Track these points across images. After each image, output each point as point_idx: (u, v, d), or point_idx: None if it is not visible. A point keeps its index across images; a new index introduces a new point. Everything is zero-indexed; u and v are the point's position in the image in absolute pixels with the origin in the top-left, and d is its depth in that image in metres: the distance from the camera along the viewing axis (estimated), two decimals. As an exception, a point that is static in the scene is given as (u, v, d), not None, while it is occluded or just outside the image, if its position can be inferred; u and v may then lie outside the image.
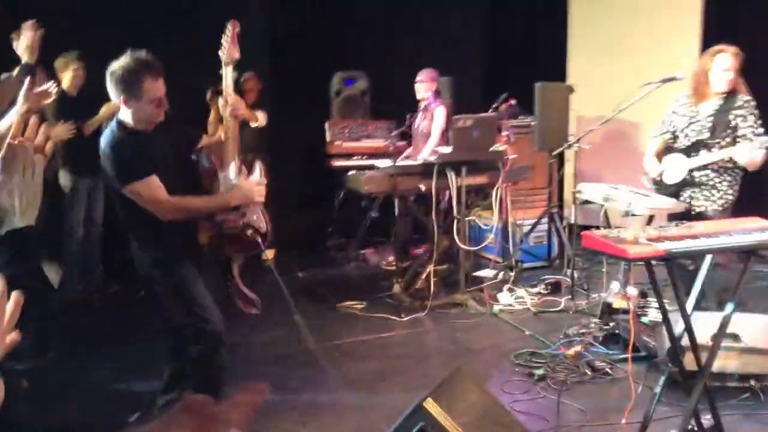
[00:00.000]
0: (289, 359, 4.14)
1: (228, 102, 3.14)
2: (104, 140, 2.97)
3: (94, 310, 5.04)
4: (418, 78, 5.71)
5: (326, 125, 6.63)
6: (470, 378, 2.83)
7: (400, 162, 5.29)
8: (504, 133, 5.66)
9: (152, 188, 2.88)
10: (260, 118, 6.16)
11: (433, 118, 5.68)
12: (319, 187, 6.69)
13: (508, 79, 6.29)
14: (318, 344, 4.29)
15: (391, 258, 5.88)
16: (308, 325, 4.51)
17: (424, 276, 5.16)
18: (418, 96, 5.73)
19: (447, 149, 5.05)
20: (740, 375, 3.47)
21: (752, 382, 3.46)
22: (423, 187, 4.98)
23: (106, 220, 5.35)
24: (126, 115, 2.94)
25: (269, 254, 6.50)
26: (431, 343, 4.47)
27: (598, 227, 3.60)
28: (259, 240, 3.17)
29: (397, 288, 5.09)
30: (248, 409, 0.88)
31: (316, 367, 3.96)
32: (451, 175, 4.97)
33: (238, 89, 5.97)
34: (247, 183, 3.15)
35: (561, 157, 5.97)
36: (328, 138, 6.57)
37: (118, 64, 2.88)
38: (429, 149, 5.56)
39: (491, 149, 5.12)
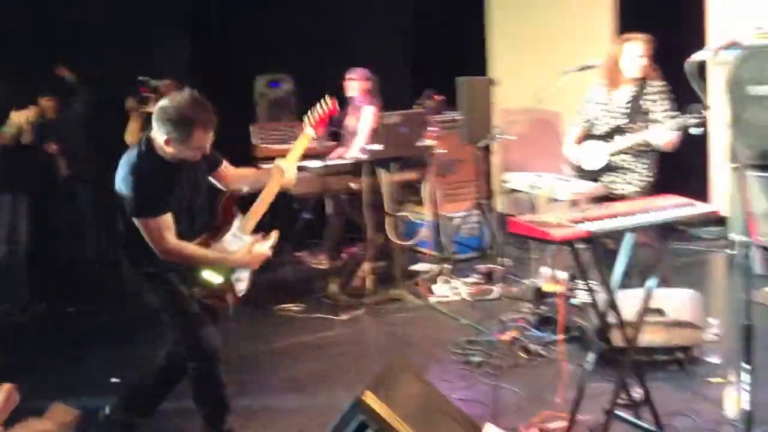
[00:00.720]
0: (226, 365, 4.08)
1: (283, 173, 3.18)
2: (129, 161, 2.85)
3: (20, 329, 4.87)
4: (350, 76, 5.71)
5: (251, 129, 6.57)
6: (408, 369, 2.87)
7: (330, 161, 5.30)
8: (431, 128, 5.73)
9: (161, 228, 2.79)
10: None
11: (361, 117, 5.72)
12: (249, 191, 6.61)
13: (432, 75, 6.38)
14: (256, 348, 4.28)
15: (324, 258, 5.87)
16: (246, 329, 4.51)
17: (359, 274, 5.18)
18: (348, 93, 5.73)
19: (377, 146, 5.09)
20: (667, 348, 3.61)
21: (678, 354, 3.61)
22: (354, 186, 5.00)
23: (31, 237, 5.19)
24: (161, 144, 2.81)
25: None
26: (370, 339, 4.50)
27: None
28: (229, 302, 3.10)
29: (333, 287, 5.09)
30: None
31: (255, 371, 3.93)
32: (381, 172, 5.01)
33: (158, 95, 5.88)
34: (258, 249, 3.07)
35: (487, 150, 6.09)
36: (254, 142, 6.51)
37: (173, 103, 2.77)
38: (357, 147, 5.58)
39: (420, 144, 5.19)
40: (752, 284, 2.26)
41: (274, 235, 3.18)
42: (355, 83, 5.72)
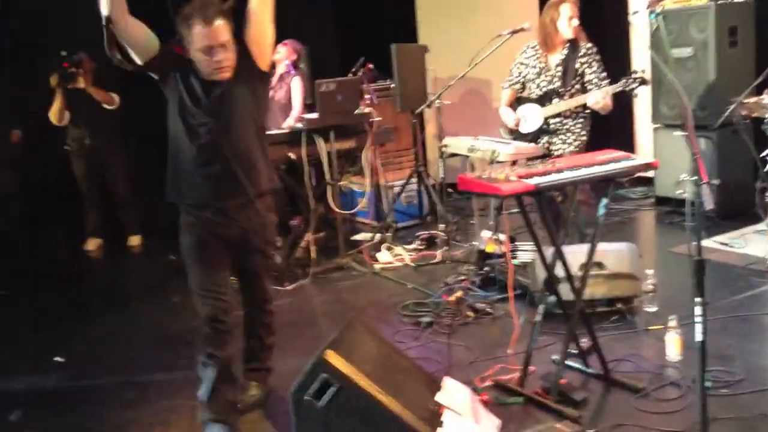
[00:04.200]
0: (174, 339, 4.02)
1: None
2: None
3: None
4: (278, 47, 5.61)
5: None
6: (365, 328, 2.88)
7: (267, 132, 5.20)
8: (366, 96, 5.71)
9: None
10: (116, 100, 5.87)
11: (290, 89, 5.64)
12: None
13: (362, 44, 6.34)
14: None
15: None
16: (189, 304, 4.41)
17: (302, 245, 5.15)
18: (275, 57, 5.61)
19: (313, 115, 5.04)
20: (608, 299, 3.75)
21: (619, 305, 3.76)
22: (293, 155, 4.95)
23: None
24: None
25: (135, 240, 6.28)
26: (318, 307, 4.48)
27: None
28: None
29: (277, 259, 5.04)
30: None
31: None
32: (320, 141, 4.97)
33: (77, 70, 5.66)
34: None
35: (422, 118, 6.12)
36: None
37: None
38: (293, 118, 5.51)
39: (357, 112, 5.17)
40: (703, 224, 2.36)
41: None
42: (285, 48, 5.64)
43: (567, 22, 4.29)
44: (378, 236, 5.45)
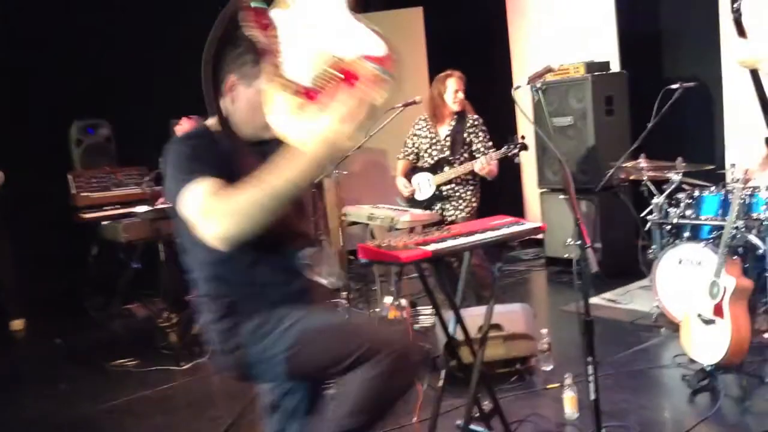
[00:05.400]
0: (63, 429, 3.77)
1: None
2: None
3: None
4: (179, 123, 5.54)
5: (69, 177, 6.17)
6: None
7: (160, 205, 5.09)
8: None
9: None
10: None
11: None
12: (68, 244, 6.17)
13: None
14: (93, 409, 3.97)
15: (163, 310, 5.59)
16: (80, 389, 4.17)
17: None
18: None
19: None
20: (507, 360, 3.83)
21: (517, 365, 3.84)
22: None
23: None
24: None
25: (17, 324, 5.89)
26: (218, 385, 4.32)
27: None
28: None
29: (172, 337, 4.86)
30: None
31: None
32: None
33: None
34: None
35: (321, 187, 6.17)
36: (73, 190, 6.11)
37: None
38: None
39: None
40: (590, 284, 2.46)
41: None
42: (183, 128, 5.58)
43: (453, 95, 4.52)
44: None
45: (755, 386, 3.38)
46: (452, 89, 4.55)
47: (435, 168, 4.67)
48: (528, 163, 6.47)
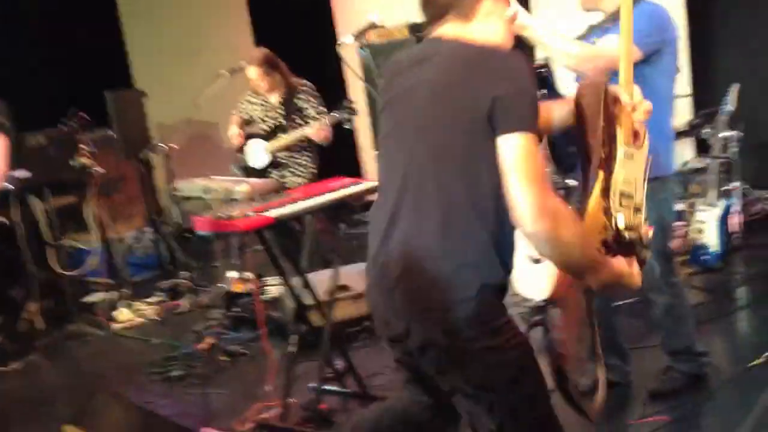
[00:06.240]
0: None
1: None
2: None
3: None
4: None
5: None
6: (109, 397, 2.66)
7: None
8: (84, 147, 5.32)
9: None
10: None
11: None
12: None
13: (71, 93, 5.89)
14: None
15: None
16: None
17: (25, 316, 4.62)
18: None
19: (23, 173, 4.58)
20: (356, 319, 3.87)
21: (366, 323, 3.89)
22: (5, 219, 4.45)
23: None
24: None
25: None
26: (53, 382, 4.04)
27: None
28: None
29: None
30: None
31: None
32: (34, 200, 4.55)
33: None
34: None
35: (149, 164, 5.87)
36: None
37: None
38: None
39: (73, 165, 4.82)
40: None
41: None
42: None
43: (258, 86, 4.52)
44: (114, 294, 5.08)
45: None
46: (255, 83, 4.54)
47: (270, 136, 4.60)
48: (363, 124, 6.51)
